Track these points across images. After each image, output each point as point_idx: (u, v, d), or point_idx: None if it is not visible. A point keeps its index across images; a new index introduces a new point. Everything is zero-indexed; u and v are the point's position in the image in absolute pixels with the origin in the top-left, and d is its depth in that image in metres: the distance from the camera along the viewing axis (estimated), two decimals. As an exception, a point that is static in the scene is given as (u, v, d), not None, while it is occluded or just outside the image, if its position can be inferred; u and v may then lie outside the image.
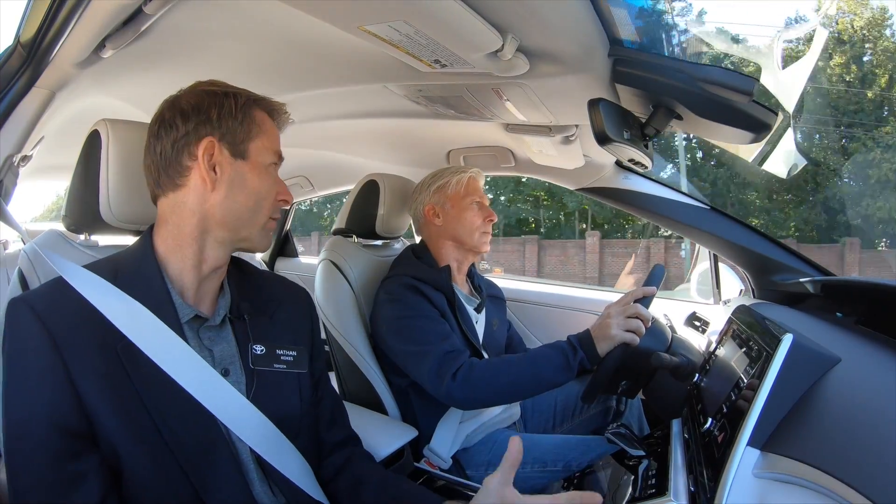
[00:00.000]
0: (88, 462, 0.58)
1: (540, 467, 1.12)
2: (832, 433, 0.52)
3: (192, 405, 0.63)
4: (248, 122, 0.70)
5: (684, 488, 0.69)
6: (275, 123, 0.75)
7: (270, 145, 0.72)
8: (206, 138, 0.67)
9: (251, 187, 0.70)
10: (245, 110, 0.70)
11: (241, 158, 0.69)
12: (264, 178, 0.71)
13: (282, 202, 0.75)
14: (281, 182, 0.75)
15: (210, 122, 0.67)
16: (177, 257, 0.69)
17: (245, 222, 0.71)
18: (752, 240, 1.28)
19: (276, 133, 0.75)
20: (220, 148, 0.68)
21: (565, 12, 0.73)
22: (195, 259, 0.69)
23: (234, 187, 0.69)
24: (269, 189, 0.72)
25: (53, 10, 0.73)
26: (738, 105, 0.79)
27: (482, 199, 1.32)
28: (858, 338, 0.78)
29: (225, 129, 0.68)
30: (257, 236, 0.73)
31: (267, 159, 0.72)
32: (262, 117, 0.72)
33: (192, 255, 0.69)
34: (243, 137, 0.69)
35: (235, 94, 0.70)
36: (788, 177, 1.13)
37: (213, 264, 0.70)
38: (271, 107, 0.74)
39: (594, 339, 1.02)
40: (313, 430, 0.79)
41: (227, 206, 0.68)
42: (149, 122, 0.71)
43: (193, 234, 0.68)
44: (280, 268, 2.58)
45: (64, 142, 1.22)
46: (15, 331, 0.59)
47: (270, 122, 0.74)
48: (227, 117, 0.68)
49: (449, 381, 1.04)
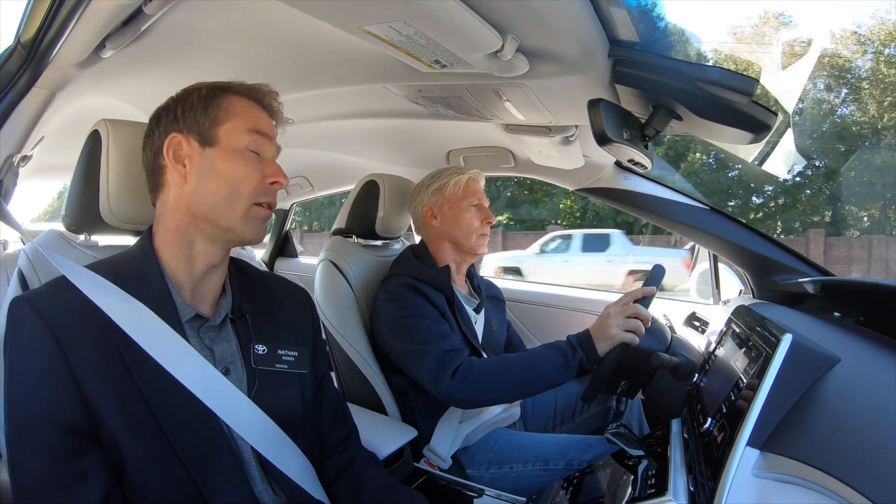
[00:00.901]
0: (92, 460, 0.58)
1: (541, 466, 1.12)
2: (832, 433, 0.52)
3: (193, 403, 0.63)
4: (213, 109, 0.69)
5: (684, 488, 0.69)
6: (253, 103, 0.72)
7: (243, 125, 0.69)
8: (170, 135, 0.68)
9: (222, 173, 0.68)
10: (209, 99, 0.69)
11: (209, 146, 0.68)
12: (237, 162, 0.68)
13: (273, 185, 0.71)
14: (272, 164, 0.72)
15: (175, 119, 0.69)
16: (170, 256, 0.69)
17: (222, 210, 0.68)
18: (751, 240, 1.28)
19: (255, 113, 0.71)
20: (189, 140, 0.68)
21: (565, 13, 0.73)
22: (186, 256, 0.69)
23: (204, 176, 0.68)
24: (244, 173, 0.68)
25: (53, 10, 0.73)
26: (737, 105, 0.79)
27: (481, 201, 1.31)
28: (858, 338, 0.78)
29: (190, 122, 0.68)
30: (241, 225, 0.69)
31: (240, 142, 0.69)
32: (232, 101, 0.70)
33: (182, 252, 0.69)
34: (209, 125, 0.68)
35: (200, 87, 0.71)
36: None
37: (206, 261, 0.70)
38: (243, 89, 0.72)
39: (594, 338, 1.02)
40: (315, 430, 0.79)
41: (200, 196, 0.68)
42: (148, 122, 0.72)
43: (180, 231, 0.69)
44: (280, 268, 2.58)
45: (64, 142, 1.22)
46: (18, 330, 0.60)
47: (245, 104, 0.71)
48: (190, 110, 0.69)
49: (448, 379, 1.04)
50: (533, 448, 1.16)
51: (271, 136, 0.72)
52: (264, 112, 0.73)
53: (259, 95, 0.73)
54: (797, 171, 9.83)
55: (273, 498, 0.70)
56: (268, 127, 0.72)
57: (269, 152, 0.72)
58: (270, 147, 0.72)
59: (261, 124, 0.71)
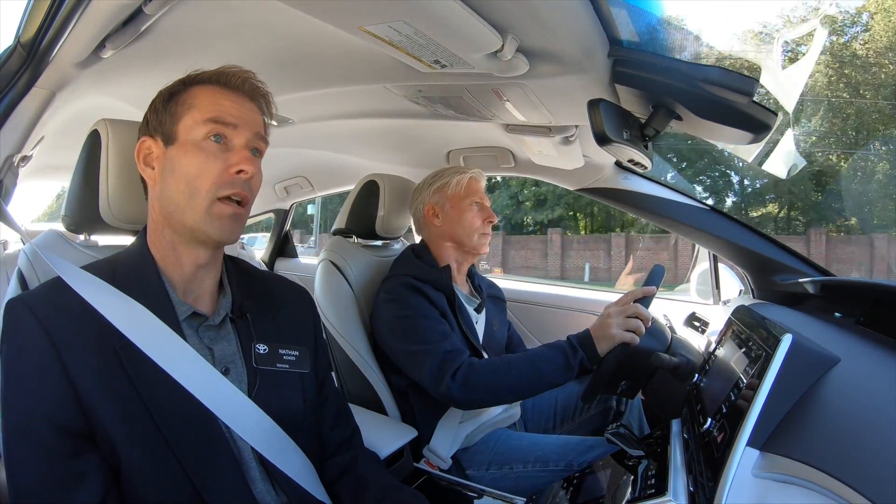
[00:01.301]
0: (88, 461, 0.58)
1: (542, 466, 1.12)
2: (832, 433, 0.52)
3: (191, 403, 0.62)
4: (173, 106, 0.67)
5: (684, 488, 0.69)
6: (220, 88, 0.67)
7: (200, 116, 0.65)
8: (141, 139, 0.69)
9: (179, 170, 0.65)
10: (170, 97, 0.68)
11: (170, 144, 0.67)
12: (194, 156, 0.64)
13: (239, 174, 0.65)
14: (238, 151, 0.66)
15: (146, 123, 0.69)
16: (160, 256, 0.70)
17: (183, 209, 0.65)
18: (751, 240, 1.28)
19: (216, 99, 0.66)
20: (156, 142, 0.68)
21: (565, 12, 0.73)
22: (173, 257, 0.69)
23: (166, 175, 0.67)
24: (200, 166, 0.64)
25: (53, 10, 0.73)
26: (737, 105, 0.79)
27: (482, 200, 1.32)
28: (858, 338, 0.78)
29: (155, 123, 0.68)
30: (204, 223, 0.64)
31: (198, 133, 0.65)
32: (193, 93, 0.67)
33: (169, 253, 0.69)
34: (171, 122, 0.67)
35: (164, 89, 0.69)
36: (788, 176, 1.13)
37: (192, 261, 0.69)
38: (205, 76, 0.68)
39: (594, 338, 1.02)
40: (316, 430, 0.79)
41: (165, 196, 0.67)
42: None
43: (161, 232, 0.69)
44: (280, 268, 2.58)
45: (64, 142, 1.22)
46: (13, 331, 0.59)
47: (209, 92, 0.67)
48: (154, 111, 0.69)
49: (449, 380, 1.04)
50: (533, 449, 1.16)
51: (236, 122, 0.66)
52: (236, 94, 0.68)
53: (224, 78, 0.68)
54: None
55: (274, 498, 0.69)
56: (231, 112, 0.66)
57: (238, 139, 0.66)
58: (238, 133, 0.66)
59: (222, 111, 0.66)
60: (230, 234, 0.67)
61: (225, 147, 0.66)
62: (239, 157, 0.66)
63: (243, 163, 0.65)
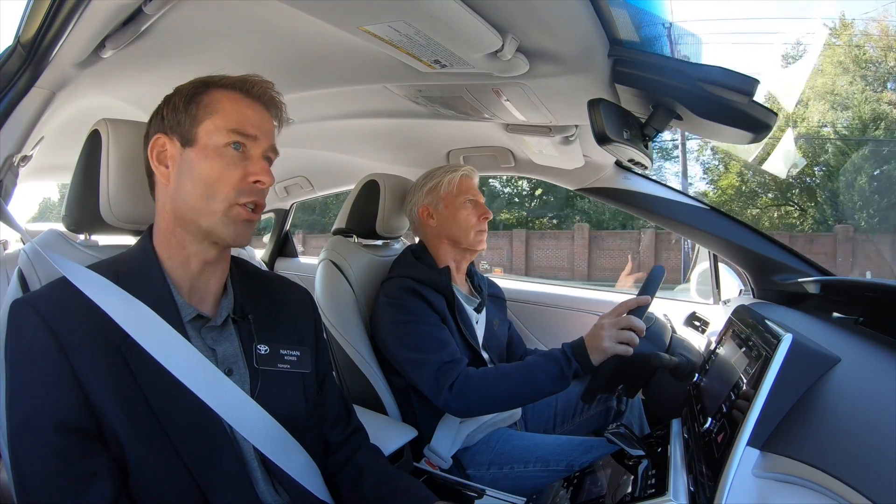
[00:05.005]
0: (99, 461, 0.58)
1: (542, 466, 1.12)
2: (832, 433, 0.52)
3: (195, 403, 0.63)
4: (194, 107, 0.67)
5: (684, 488, 0.69)
6: (241, 96, 0.69)
7: (224, 123, 0.66)
8: (155, 136, 0.68)
9: (198, 173, 0.66)
10: (191, 97, 0.68)
11: (188, 146, 0.67)
12: (214, 161, 0.66)
13: (256, 184, 0.68)
14: (257, 161, 0.68)
15: (161, 120, 0.69)
16: (167, 255, 0.69)
17: (200, 211, 0.66)
18: (751, 240, 1.28)
19: (239, 108, 0.68)
20: (172, 141, 0.68)
21: (565, 12, 0.73)
22: (181, 256, 0.69)
23: (183, 176, 0.67)
24: (221, 172, 0.66)
25: (53, 10, 0.73)
26: (737, 105, 0.79)
27: (476, 197, 1.32)
28: (858, 338, 0.78)
29: (173, 122, 0.68)
30: (220, 226, 0.66)
31: (219, 140, 0.66)
32: (215, 97, 0.68)
33: (177, 252, 0.69)
34: (190, 124, 0.67)
35: (184, 86, 0.69)
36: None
37: (201, 259, 0.70)
38: (228, 82, 0.69)
39: (587, 349, 1.02)
40: (318, 429, 0.80)
41: (179, 197, 0.67)
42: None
43: (171, 231, 0.69)
44: (280, 268, 2.58)
45: (64, 142, 1.22)
46: (19, 332, 0.59)
47: (231, 98, 0.68)
48: (173, 110, 0.68)
49: (446, 392, 1.06)
50: (534, 449, 1.16)
51: (256, 133, 0.68)
52: (256, 104, 0.70)
53: (247, 86, 0.69)
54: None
55: (276, 498, 0.70)
56: (253, 122, 0.68)
57: (256, 149, 0.69)
58: (256, 144, 0.68)
59: (244, 121, 0.67)
60: (243, 238, 0.69)
61: (243, 156, 0.68)
62: (258, 167, 0.68)
63: (262, 174, 0.68)
